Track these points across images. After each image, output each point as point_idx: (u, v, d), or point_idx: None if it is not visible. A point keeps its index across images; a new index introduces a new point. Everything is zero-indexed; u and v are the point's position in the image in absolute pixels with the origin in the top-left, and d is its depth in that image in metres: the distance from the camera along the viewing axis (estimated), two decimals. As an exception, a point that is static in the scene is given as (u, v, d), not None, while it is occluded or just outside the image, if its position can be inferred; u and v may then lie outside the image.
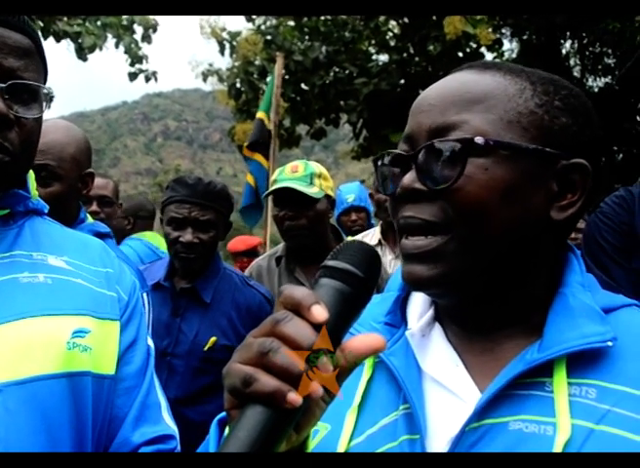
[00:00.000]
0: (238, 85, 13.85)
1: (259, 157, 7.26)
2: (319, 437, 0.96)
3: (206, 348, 2.72)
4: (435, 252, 0.91)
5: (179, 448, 1.41)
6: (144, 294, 2.40)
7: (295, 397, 0.66)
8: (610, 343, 0.86)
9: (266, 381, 0.67)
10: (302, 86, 13.82)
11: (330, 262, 0.77)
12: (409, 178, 0.93)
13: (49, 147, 2.13)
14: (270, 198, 3.28)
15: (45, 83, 1.36)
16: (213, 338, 2.72)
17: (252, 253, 7.15)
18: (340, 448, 0.93)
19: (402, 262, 0.97)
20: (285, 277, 3.09)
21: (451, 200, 0.90)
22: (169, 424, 1.42)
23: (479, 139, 0.88)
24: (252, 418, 0.67)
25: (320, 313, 0.69)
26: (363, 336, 0.74)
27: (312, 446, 0.92)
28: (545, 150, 0.91)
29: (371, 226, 4.90)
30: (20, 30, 1.27)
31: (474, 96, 0.92)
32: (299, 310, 0.70)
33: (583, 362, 0.87)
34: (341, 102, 13.74)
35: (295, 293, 0.71)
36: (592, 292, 0.95)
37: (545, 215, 0.92)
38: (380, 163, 1.01)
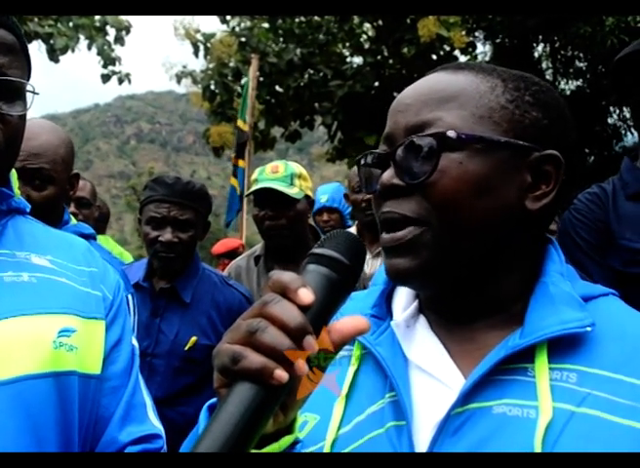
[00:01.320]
0: (212, 87, 13.80)
1: (241, 163, 7.35)
2: (308, 427, 0.98)
3: (187, 348, 2.72)
4: (412, 242, 0.94)
5: (165, 447, 1.41)
6: (129, 296, 2.39)
7: (281, 373, 0.69)
8: (588, 328, 0.89)
9: (254, 358, 0.70)
10: (277, 88, 13.80)
11: (317, 250, 0.81)
12: (387, 175, 0.97)
13: (43, 150, 2.11)
14: (248, 199, 3.29)
15: (29, 80, 1.35)
16: (193, 338, 2.72)
17: (233, 254, 7.19)
18: (329, 438, 0.95)
19: (384, 257, 1.00)
20: (264, 276, 3.10)
21: (426, 194, 0.93)
22: (155, 423, 1.42)
23: (451, 133, 0.92)
24: (240, 394, 0.70)
25: (306, 295, 0.73)
26: (348, 318, 0.78)
27: (301, 436, 0.95)
28: (518, 143, 0.94)
29: (346, 228, 4.89)
30: (5, 26, 1.27)
31: (447, 94, 0.96)
32: (286, 293, 0.73)
33: (564, 347, 0.91)
34: (316, 105, 13.75)
35: (283, 277, 0.75)
36: (572, 282, 0.98)
37: (520, 206, 0.95)
38: (362, 163, 1.05)
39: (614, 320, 0.95)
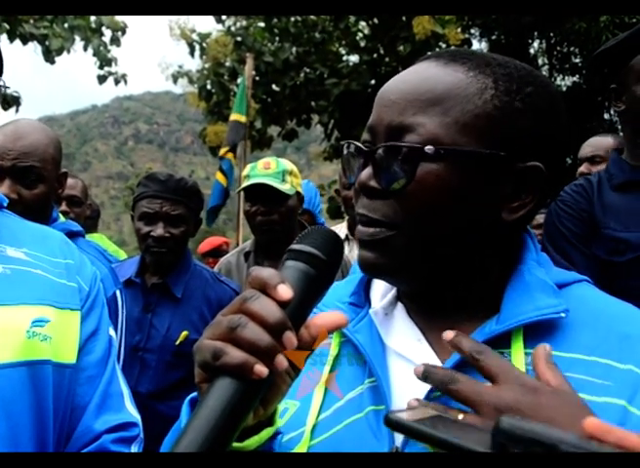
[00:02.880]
0: (209, 86, 13.82)
1: (230, 155, 7.28)
2: (289, 414, 0.99)
3: (178, 342, 2.73)
4: (384, 242, 0.94)
5: (141, 435, 1.42)
6: (118, 292, 2.41)
7: (261, 368, 0.70)
8: (563, 314, 0.91)
9: (235, 354, 0.70)
10: (273, 87, 13.83)
11: (295, 246, 0.82)
12: (365, 175, 0.95)
13: (33, 149, 2.13)
14: (240, 195, 3.30)
15: (1, 76, 1.36)
16: (184, 333, 2.74)
17: (216, 252, 7.20)
18: (309, 424, 0.96)
19: (358, 248, 1.00)
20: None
21: (401, 202, 0.92)
22: (131, 412, 1.43)
23: (429, 149, 0.89)
24: (221, 389, 0.70)
25: (285, 291, 0.74)
26: (326, 313, 0.80)
27: (282, 423, 0.95)
28: (500, 154, 0.91)
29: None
30: None
31: (433, 96, 0.92)
32: (265, 289, 0.74)
33: (539, 333, 0.92)
34: (313, 103, 13.78)
35: (262, 274, 0.75)
36: (546, 269, 0.99)
37: (497, 216, 0.94)
38: (345, 151, 1.04)
39: (587, 305, 0.96)
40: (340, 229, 4.28)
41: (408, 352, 0.97)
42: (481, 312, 0.97)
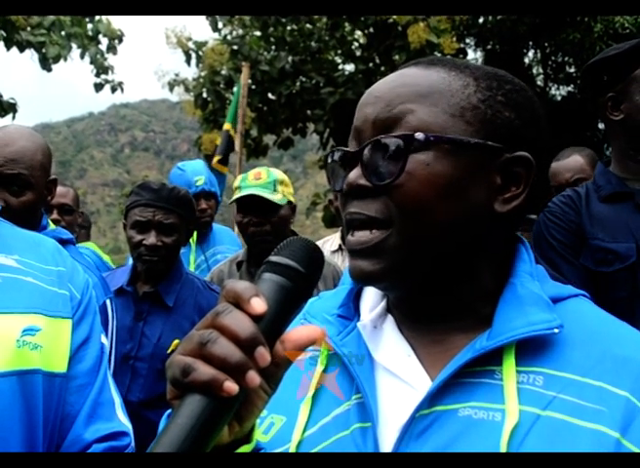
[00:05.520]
0: (204, 95, 13.83)
1: (225, 169, 7.25)
2: (275, 429, 0.97)
3: (169, 351, 2.72)
4: (377, 247, 0.92)
5: (132, 444, 1.41)
6: (108, 301, 2.40)
7: (231, 385, 0.68)
8: (556, 330, 0.88)
9: (204, 370, 0.69)
10: (269, 95, 13.85)
11: (272, 258, 0.79)
12: (354, 174, 0.93)
13: (20, 156, 2.10)
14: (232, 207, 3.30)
15: None
16: (176, 341, 2.73)
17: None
18: (295, 440, 0.94)
19: (349, 258, 0.98)
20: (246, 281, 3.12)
21: (393, 196, 0.90)
22: (122, 421, 1.42)
23: (419, 135, 0.89)
24: (190, 406, 0.69)
25: (259, 305, 0.72)
26: (302, 327, 0.77)
27: (268, 438, 0.95)
28: (487, 144, 0.91)
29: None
30: None
31: (420, 89, 0.93)
32: (239, 302, 0.72)
33: (531, 350, 0.89)
34: (308, 112, 13.79)
35: (236, 287, 0.73)
36: (541, 282, 0.96)
37: (489, 208, 0.93)
38: (329, 160, 1.02)
39: (583, 322, 0.93)
40: (334, 240, 4.28)
41: (396, 367, 0.95)
42: (473, 324, 0.95)
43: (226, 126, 7.64)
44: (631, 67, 2.11)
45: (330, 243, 4.25)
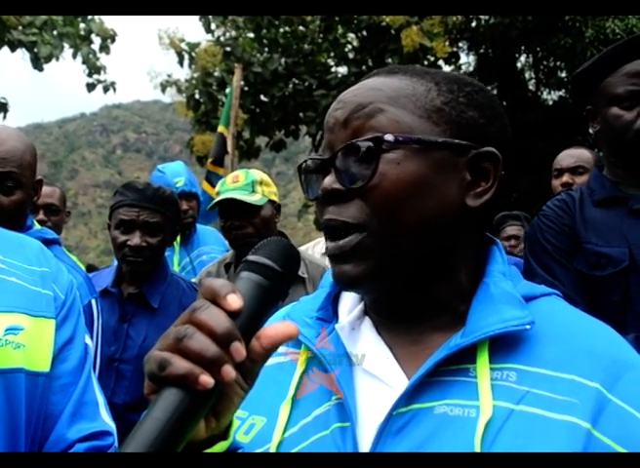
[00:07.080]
0: (197, 96, 13.82)
1: (221, 171, 7.23)
2: (255, 430, 0.98)
3: (154, 353, 2.70)
4: (355, 249, 0.94)
5: (116, 444, 1.41)
6: (93, 301, 2.38)
7: (206, 379, 0.70)
8: (528, 326, 0.91)
9: (180, 364, 0.70)
10: (262, 97, 13.86)
11: (250, 257, 0.82)
12: (328, 180, 0.97)
13: (10, 155, 2.11)
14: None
15: None
16: (161, 343, 2.71)
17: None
18: (275, 440, 0.95)
19: (330, 264, 1.00)
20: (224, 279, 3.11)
21: (366, 198, 0.94)
22: (106, 421, 1.42)
23: (389, 137, 0.93)
24: (166, 400, 0.70)
25: (235, 301, 0.74)
26: (277, 324, 0.79)
27: (248, 438, 0.96)
28: (454, 141, 0.95)
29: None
30: None
31: (388, 93, 0.97)
32: (215, 299, 0.75)
33: (505, 347, 0.92)
34: (301, 114, 13.81)
35: (213, 284, 0.76)
36: (514, 282, 1.00)
37: (461, 204, 0.96)
38: (303, 170, 1.05)
39: (555, 319, 0.97)
40: (324, 243, 4.26)
41: (374, 368, 0.98)
42: (448, 324, 0.98)
43: (220, 128, 7.63)
44: (597, 81, 2.16)
45: (320, 245, 4.25)
